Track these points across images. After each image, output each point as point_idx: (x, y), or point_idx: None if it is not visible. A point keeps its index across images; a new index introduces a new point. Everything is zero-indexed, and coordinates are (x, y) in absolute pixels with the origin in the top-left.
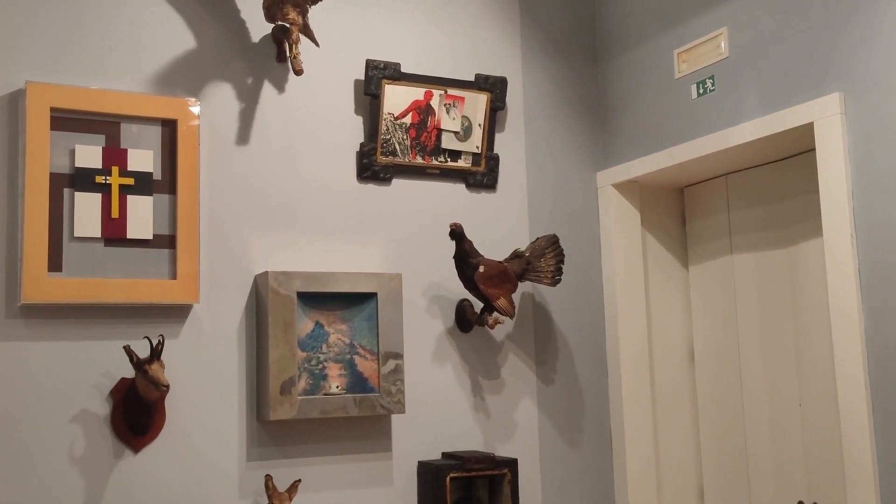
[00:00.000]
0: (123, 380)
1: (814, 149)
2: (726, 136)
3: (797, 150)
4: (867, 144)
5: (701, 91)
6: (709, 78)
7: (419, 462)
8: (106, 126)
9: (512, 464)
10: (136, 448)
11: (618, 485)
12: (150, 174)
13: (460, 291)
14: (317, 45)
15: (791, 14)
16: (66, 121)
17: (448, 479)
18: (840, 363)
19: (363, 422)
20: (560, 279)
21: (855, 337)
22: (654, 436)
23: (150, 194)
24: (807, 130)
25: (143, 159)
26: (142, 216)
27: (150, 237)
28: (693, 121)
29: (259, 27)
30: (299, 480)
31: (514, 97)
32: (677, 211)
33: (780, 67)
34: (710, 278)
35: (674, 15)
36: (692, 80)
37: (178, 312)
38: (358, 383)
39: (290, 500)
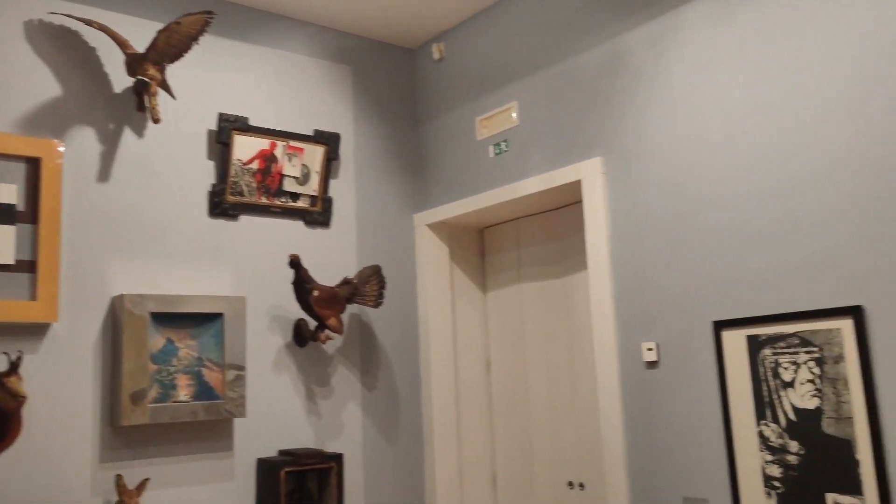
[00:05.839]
0: None
1: (581, 200)
2: (516, 188)
3: (570, 201)
4: (621, 198)
5: (497, 151)
6: (503, 141)
7: (258, 459)
8: None
9: (338, 458)
10: None
11: (427, 474)
12: (14, 206)
13: (297, 312)
14: (173, 97)
15: (566, 94)
16: None
17: (283, 472)
18: (600, 372)
19: (209, 425)
20: (382, 302)
21: (611, 350)
22: (457, 432)
23: (12, 224)
24: (576, 186)
25: (6, 192)
26: (4, 243)
27: (13, 262)
28: (490, 175)
29: (121, 79)
30: (148, 479)
31: (346, 150)
32: (478, 247)
33: (557, 135)
34: (503, 302)
35: (476, 89)
36: (490, 142)
37: (37, 330)
38: (205, 391)
39: (139, 496)
